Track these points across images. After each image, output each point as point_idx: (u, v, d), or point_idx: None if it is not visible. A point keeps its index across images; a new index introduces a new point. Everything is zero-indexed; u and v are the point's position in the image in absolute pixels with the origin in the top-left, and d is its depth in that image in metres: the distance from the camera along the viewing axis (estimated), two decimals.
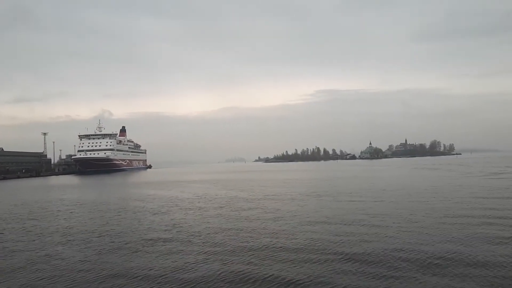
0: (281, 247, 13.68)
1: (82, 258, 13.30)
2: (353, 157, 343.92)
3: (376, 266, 11.15)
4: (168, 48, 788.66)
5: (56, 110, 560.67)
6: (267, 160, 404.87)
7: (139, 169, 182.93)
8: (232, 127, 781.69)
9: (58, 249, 14.85)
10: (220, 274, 10.95)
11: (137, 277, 11.01)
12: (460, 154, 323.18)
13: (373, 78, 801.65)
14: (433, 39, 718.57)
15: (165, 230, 17.83)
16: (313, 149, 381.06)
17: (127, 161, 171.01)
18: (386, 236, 14.91)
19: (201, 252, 13.52)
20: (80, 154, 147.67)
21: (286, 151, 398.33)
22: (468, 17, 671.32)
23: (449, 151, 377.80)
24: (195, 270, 11.42)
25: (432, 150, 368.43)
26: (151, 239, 15.89)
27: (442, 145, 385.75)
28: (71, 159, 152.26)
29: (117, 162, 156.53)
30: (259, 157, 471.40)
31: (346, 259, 11.89)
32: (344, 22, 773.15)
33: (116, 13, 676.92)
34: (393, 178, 50.85)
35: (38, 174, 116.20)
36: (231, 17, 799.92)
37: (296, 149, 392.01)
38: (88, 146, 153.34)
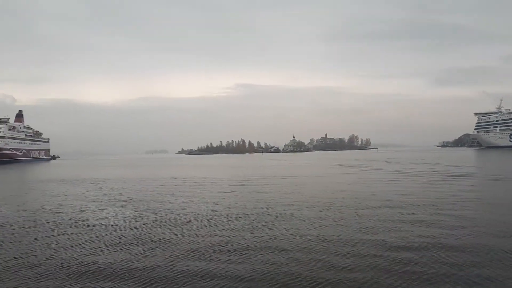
0: None
1: None
2: (277, 150, 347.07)
3: None
4: (73, 29, 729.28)
5: None
6: (190, 152, 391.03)
7: (39, 160, 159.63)
8: (153, 118, 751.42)
9: None
10: None
11: None
12: (377, 148, 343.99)
13: (284, 75, 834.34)
14: (335, 40, 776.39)
15: None
16: (238, 141, 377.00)
17: (23, 151, 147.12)
18: None
19: None
20: None
21: (211, 143, 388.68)
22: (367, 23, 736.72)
23: (366, 145, 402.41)
24: None
25: (351, 144, 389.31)
26: None
27: (359, 140, 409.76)
28: None
29: (9, 152, 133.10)
30: (182, 149, 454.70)
31: None
32: (256, 19, 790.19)
33: None
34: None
35: None
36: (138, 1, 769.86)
37: (221, 141, 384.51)
38: None
